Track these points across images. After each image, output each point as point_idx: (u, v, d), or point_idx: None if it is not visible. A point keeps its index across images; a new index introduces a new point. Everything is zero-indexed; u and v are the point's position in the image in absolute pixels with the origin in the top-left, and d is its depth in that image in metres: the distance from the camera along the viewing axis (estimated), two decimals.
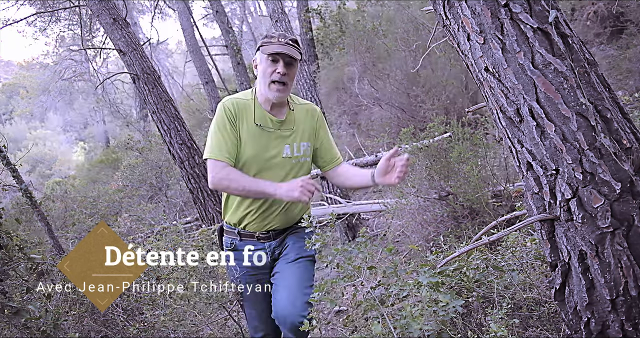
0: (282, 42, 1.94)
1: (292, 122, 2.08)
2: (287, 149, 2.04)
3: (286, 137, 2.04)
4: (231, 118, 1.97)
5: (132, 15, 15.73)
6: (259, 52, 1.99)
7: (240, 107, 2.00)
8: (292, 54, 1.92)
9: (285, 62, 1.94)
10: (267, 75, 1.95)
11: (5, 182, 4.79)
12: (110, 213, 9.22)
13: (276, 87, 1.95)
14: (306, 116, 2.12)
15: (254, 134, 1.99)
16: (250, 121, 1.98)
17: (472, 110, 1.87)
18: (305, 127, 2.10)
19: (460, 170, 4.35)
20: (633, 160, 1.40)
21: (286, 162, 2.03)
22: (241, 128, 1.98)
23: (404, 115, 7.60)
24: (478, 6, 1.45)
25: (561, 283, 1.52)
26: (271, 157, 2.01)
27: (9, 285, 2.34)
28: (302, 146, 2.08)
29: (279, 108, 2.05)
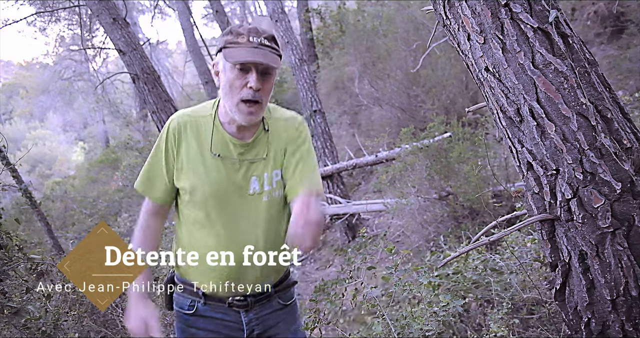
0: (255, 44, 1.38)
1: (264, 144, 1.51)
2: (255, 183, 1.49)
3: (253, 167, 1.49)
4: (171, 143, 1.48)
5: (132, 15, 15.72)
6: (222, 57, 1.42)
7: (193, 128, 1.49)
8: (269, 62, 1.37)
9: (259, 72, 1.38)
10: (234, 91, 1.40)
11: (5, 182, 4.78)
12: (110, 213, 9.23)
13: (247, 109, 1.40)
14: (283, 134, 1.55)
15: (208, 164, 1.46)
16: (203, 147, 1.47)
17: (472, 110, 1.86)
18: (278, 148, 1.54)
19: (460, 170, 4.35)
20: (633, 160, 1.39)
21: (254, 200, 1.48)
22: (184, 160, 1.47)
23: (404, 115, 7.60)
24: (478, 6, 1.45)
25: (561, 284, 1.52)
26: (232, 196, 1.47)
27: (9, 285, 2.34)
28: (275, 176, 1.52)
29: (247, 127, 1.49)
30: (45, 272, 2.68)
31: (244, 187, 1.48)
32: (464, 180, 4.25)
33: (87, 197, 10.68)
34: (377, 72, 8.26)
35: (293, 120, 1.59)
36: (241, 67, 1.38)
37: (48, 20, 13.09)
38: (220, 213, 1.48)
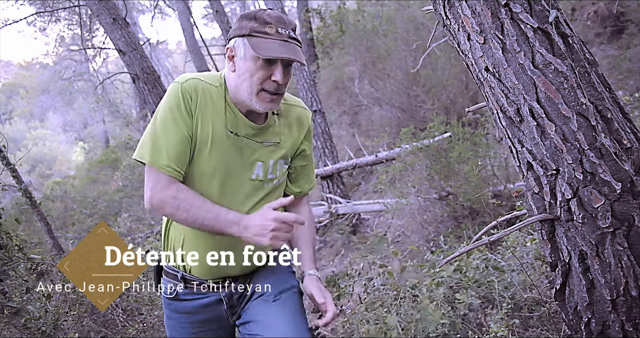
0: (284, 36, 1.33)
1: (276, 130, 1.48)
2: (259, 169, 1.45)
3: (261, 152, 1.45)
4: (188, 107, 1.34)
5: (132, 15, 15.72)
6: (244, 44, 1.34)
7: (207, 95, 1.38)
8: (300, 58, 1.32)
9: (284, 65, 1.35)
10: (255, 81, 1.34)
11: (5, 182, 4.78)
12: (110, 213, 9.23)
13: (269, 97, 1.36)
14: (295, 123, 1.53)
15: (219, 140, 1.38)
16: (217, 120, 1.38)
17: (472, 110, 1.86)
18: (291, 138, 1.52)
19: (460, 170, 4.35)
20: (633, 160, 1.39)
21: (253, 185, 1.45)
22: (200, 126, 1.36)
23: (404, 115, 7.60)
24: (478, 6, 1.45)
25: (561, 284, 1.52)
26: (233, 176, 1.42)
27: (9, 285, 2.34)
28: (279, 165, 1.50)
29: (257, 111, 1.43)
30: (45, 272, 2.68)
31: (247, 170, 1.44)
32: (464, 180, 4.25)
33: (87, 197, 10.68)
34: (377, 72, 8.26)
35: (305, 111, 1.58)
36: (267, 60, 1.32)
37: (48, 20, 13.09)
38: (220, 194, 1.41)
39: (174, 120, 1.32)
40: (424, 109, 7.28)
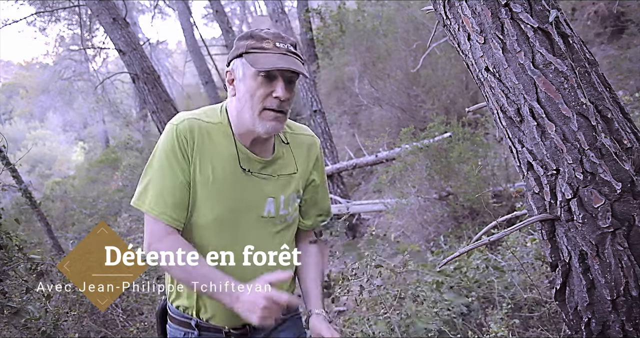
0: (283, 50, 1.27)
1: (285, 162, 1.40)
2: (270, 205, 1.35)
3: (272, 186, 1.36)
4: (184, 150, 1.26)
5: (132, 15, 15.72)
6: (242, 63, 1.28)
7: (204, 135, 1.29)
8: (297, 69, 1.24)
9: (285, 81, 1.26)
10: (256, 100, 1.26)
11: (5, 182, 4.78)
12: (110, 213, 9.22)
13: (273, 115, 1.27)
14: (304, 152, 1.45)
15: (221, 181, 1.29)
16: (218, 160, 1.29)
17: (472, 110, 1.86)
18: (302, 170, 1.43)
19: (460, 170, 4.35)
20: (634, 160, 1.39)
21: (264, 223, 1.35)
22: (198, 169, 1.28)
23: (404, 115, 7.60)
24: (478, 6, 1.45)
25: (562, 284, 1.52)
26: (242, 217, 1.32)
27: (9, 285, 2.34)
28: (292, 200, 1.40)
29: (262, 142, 1.35)
30: (45, 272, 2.68)
31: (257, 208, 1.34)
32: (464, 180, 4.25)
33: (87, 197, 10.67)
34: (377, 72, 8.26)
35: (312, 138, 1.49)
36: (266, 75, 1.25)
37: (48, 20, 13.09)
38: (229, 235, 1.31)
39: (169, 166, 1.26)
40: (424, 108, 7.28)
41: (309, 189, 1.47)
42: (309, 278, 1.46)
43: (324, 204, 1.53)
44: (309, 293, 1.43)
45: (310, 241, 1.52)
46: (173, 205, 1.26)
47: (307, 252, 1.50)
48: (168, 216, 1.26)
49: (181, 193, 1.27)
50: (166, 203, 1.26)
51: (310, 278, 1.46)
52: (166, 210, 1.26)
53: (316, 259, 1.49)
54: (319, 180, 1.49)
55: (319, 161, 1.49)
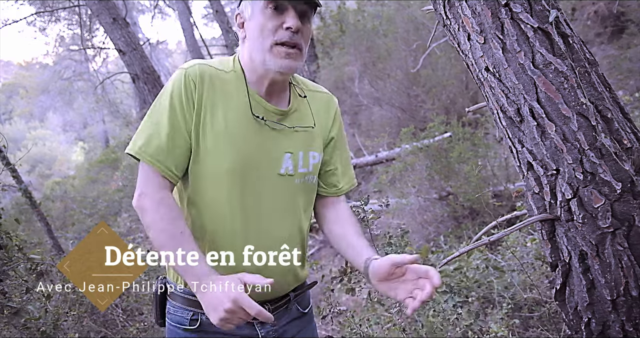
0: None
1: (302, 115, 1.28)
2: (288, 161, 1.23)
3: (290, 140, 1.24)
4: (192, 96, 1.16)
5: (132, 15, 15.71)
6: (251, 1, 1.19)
7: (215, 82, 1.19)
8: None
9: (298, 12, 1.16)
10: (266, 34, 1.15)
11: (5, 182, 4.78)
12: (110, 213, 9.22)
13: (284, 51, 1.14)
14: (322, 108, 1.34)
15: (235, 131, 1.17)
16: (232, 109, 1.18)
17: (472, 110, 1.86)
18: (320, 126, 1.32)
19: (460, 170, 4.35)
20: (634, 160, 1.39)
21: (282, 182, 1.22)
22: (209, 117, 1.16)
23: (404, 115, 7.60)
24: (478, 6, 1.45)
25: (562, 284, 1.52)
26: (257, 172, 1.19)
27: (9, 285, 2.34)
28: (312, 158, 1.28)
29: (277, 92, 1.25)
30: (45, 272, 2.68)
31: (274, 164, 1.21)
32: (464, 180, 4.25)
33: (87, 197, 10.67)
34: (377, 72, 8.26)
35: (330, 96, 1.38)
36: (275, 6, 1.14)
37: (48, 20, 13.09)
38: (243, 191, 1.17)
39: (172, 110, 1.15)
40: (424, 108, 7.28)
41: (328, 150, 1.35)
42: (350, 235, 1.29)
43: (346, 168, 1.40)
44: (356, 246, 1.25)
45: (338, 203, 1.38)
46: (170, 153, 1.14)
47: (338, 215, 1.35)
48: (162, 165, 1.13)
49: (182, 141, 1.15)
50: (161, 150, 1.13)
51: (352, 234, 1.29)
52: (161, 157, 1.13)
53: (351, 219, 1.35)
54: (338, 140, 1.37)
55: (337, 119, 1.37)
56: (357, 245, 1.25)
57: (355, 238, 1.28)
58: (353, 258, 1.25)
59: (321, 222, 1.39)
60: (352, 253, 1.26)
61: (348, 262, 1.38)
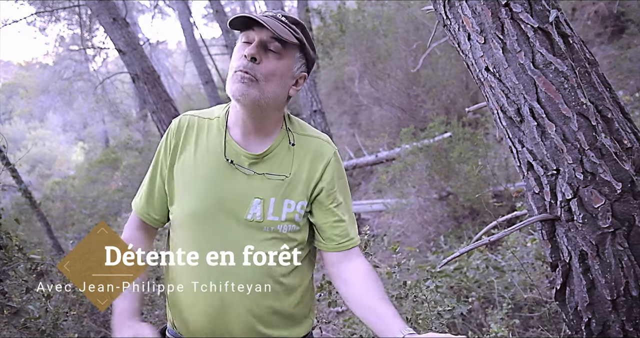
0: (268, 14, 1.16)
1: (279, 162, 1.21)
2: (257, 207, 1.17)
3: (259, 186, 1.18)
4: (171, 143, 1.23)
5: (132, 15, 15.72)
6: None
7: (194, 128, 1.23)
8: (276, 31, 1.11)
9: (261, 42, 1.13)
10: (233, 64, 1.16)
11: (5, 182, 4.78)
12: (110, 213, 9.23)
13: (239, 76, 1.13)
14: (310, 156, 1.23)
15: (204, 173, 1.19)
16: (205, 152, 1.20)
17: (472, 110, 1.86)
18: (304, 175, 1.22)
19: (460, 170, 4.35)
20: (634, 160, 1.39)
21: (249, 228, 1.17)
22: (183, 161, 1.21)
23: (404, 115, 7.60)
24: (479, 6, 1.45)
25: (562, 284, 1.52)
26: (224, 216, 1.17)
27: (9, 285, 2.33)
28: (286, 206, 1.19)
29: (255, 134, 1.21)
30: (45, 272, 2.68)
31: (242, 208, 1.17)
32: (464, 180, 4.25)
33: (87, 197, 10.68)
34: (377, 72, 8.26)
35: (326, 144, 1.26)
36: (245, 40, 1.15)
37: (48, 20, 13.09)
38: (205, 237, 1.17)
39: (156, 162, 1.26)
40: (424, 109, 7.29)
41: (319, 201, 1.23)
42: (373, 299, 1.12)
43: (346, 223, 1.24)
44: (383, 315, 1.08)
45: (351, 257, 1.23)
46: (146, 200, 1.27)
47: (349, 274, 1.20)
48: (140, 208, 1.28)
49: (158, 189, 1.25)
50: (141, 197, 1.28)
51: (374, 297, 1.13)
52: (139, 202, 1.28)
53: (369, 277, 1.18)
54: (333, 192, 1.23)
55: (330, 170, 1.23)
56: (383, 314, 1.08)
57: (378, 304, 1.11)
58: (380, 329, 1.07)
59: (335, 284, 1.24)
60: (378, 323, 1.08)
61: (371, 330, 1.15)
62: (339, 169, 1.26)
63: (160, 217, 1.28)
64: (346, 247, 1.23)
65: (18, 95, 30.11)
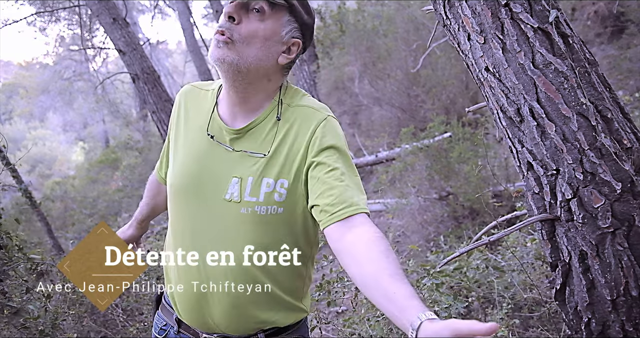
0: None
1: (260, 138, 1.11)
2: (235, 187, 1.09)
3: (237, 164, 1.11)
4: (175, 112, 1.24)
5: (132, 15, 15.72)
6: None
7: (192, 99, 1.22)
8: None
9: (242, 2, 1.05)
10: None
11: (5, 182, 4.78)
12: (110, 213, 9.24)
13: (216, 38, 1.05)
14: (295, 127, 1.11)
15: (192, 147, 1.16)
16: (195, 124, 1.18)
17: (472, 110, 1.86)
18: (286, 149, 1.10)
19: (460, 170, 4.35)
20: (634, 160, 1.39)
21: (226, 208, 1.09)
22: (179, 135, 1.21)
23: (404, 115, 7.60)
24: (478, 6, 1.45)
25: (561, 284, 1.52)
26: (204, 193, 1.12)
27: (9, 285, 2.34)
28: (265, 186, 1.08)
29: (243, 108, 1.13)
30: (45, 272, 2.68)
31: (221, 187, 1.10)
32: (464, 180, 4.25)
33: (87, 197, 10.69)
34: (377, 72, 8.26)
35: (316, 112, 1.13)
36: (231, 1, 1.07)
37: (48, 20, 13.09)
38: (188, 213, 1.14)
39: (170, 126, 1.30)
40: (424, 109, 7.29)
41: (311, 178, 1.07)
42: (382, 276, 0.86)
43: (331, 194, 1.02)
44: (395, 297, 0.82)
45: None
46: (160, 163, 1.39)
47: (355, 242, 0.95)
48: (156, 170, 1.43)
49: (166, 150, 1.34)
50: (160, 160, 1.40)
51: (383, 274, 0.86)
52: (157, 165, 1.42)
53: (377, 244, 0.92)
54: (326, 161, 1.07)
55: (318, 141, 1.08)
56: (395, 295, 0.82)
57: (388, 283, 0.84)
58: (392, 313, 0.81)
59: (342, 264, 0.99)
60: (389, 307, 0.82)
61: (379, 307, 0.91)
62: (332, 133, 1.10)
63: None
64: (342, 216, 0.99)
65: (18, 95, 30.11)
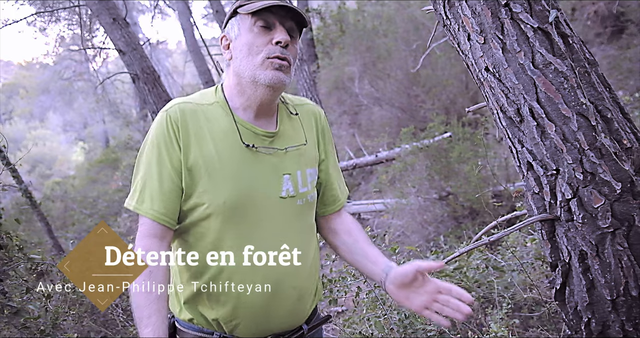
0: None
1: (293, 134, 1.25)
2: (288, 183, 1.19)
3: (285, 162, 1.20)
4: (176, 136, 1.13)
5: (132, 15, 15.71)
6: (237, 19, 1.18)
7: (199, 117, 1.16)
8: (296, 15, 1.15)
9: (286, 28, 1.15)
10: (257, 50, 1.13)
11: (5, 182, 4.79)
12: (110, 213, 9.23)
13: (277, 63, 1.12)
14: (311, 123, 1.31)
15: (230, 161, 1.14)
16: (221, 140, 1.15)
17: (472, 110, 1.86)
18: (312, 141, 1.29)
19: (460, 170, 4.35)
20: (633, 160, 1.39)
21: (284, 205, 1.18)
22: (199, 152, 1.14)
23: (404, 115, 7.60)
24: (478, 6, 1.45)
25: (561, 284, 1.52)
26: (259, 199, 1.15)
27: (9, 285, 2.34)
28: (309, 175, 1.24)
29: (266, 114, 1.21)
30: (45, 272, 2.69)
31: (275, 187, 1.17)
32: (464, 180, 4.26)
33: (87, 197, 10.69)
34: (377, 72, 8.26)
35: (314, 107, 1.35)
36: (264, 25, 1.14)
37: (48, 20, 13.08)
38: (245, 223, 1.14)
39: (159, 156, 1.14)
40: (424, 109, 7.29)
41: (324, 164, 1.32)
42: (364, 244, 1.29)
43: (340, 179, 1.37)
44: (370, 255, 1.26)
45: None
46: (161, 200, 1.12)
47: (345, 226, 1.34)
48: (156, 211, 1.12)
49: (170, 184, 1.13)
50: (152, 199, 1.13)
51: (365, 243, 1.30)
52: (151, 205, 1.13)
53: (358, 227, 1.35)
54: (329, 151, 1.34)
55: (326, 129, 1.34)
56: (371, 253, 1.27)
57: (368, 247, 1.29)
58: (368, 266, 1.26)
59: (330, 237, 1.37)
60: (367, 261, 1.26)
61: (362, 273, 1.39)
62: (328, 126, 1.37)
63: (175, 217, 1.16)
64: (339, 208, 1.37)
65: (18, 95, 30.10)
